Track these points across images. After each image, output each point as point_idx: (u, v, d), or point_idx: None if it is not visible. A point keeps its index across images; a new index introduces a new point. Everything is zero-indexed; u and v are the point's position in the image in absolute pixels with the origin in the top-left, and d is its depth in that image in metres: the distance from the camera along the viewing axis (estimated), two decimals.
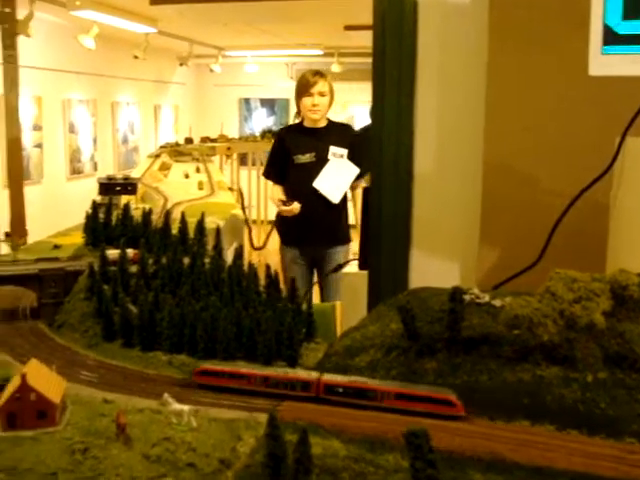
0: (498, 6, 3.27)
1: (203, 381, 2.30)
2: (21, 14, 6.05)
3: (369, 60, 3.78)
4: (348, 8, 8.93)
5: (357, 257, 5.76)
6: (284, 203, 5.50)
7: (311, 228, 5.58)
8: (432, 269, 3.59)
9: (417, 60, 3.55)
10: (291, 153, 5.69)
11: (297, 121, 6.01)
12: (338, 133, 5.80)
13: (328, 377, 2.16)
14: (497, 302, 2.32)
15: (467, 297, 2.31)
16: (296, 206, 5.45)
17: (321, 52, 14.22)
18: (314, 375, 2.16)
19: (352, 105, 16.80)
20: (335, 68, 14.26)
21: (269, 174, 6.00)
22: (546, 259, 3.01)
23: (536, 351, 2.07)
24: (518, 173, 3.37)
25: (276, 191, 5.79)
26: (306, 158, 5.64)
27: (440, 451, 1.61)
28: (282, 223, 5.76)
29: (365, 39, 5.06)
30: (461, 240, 3.63)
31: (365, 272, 3.96)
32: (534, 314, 2.04)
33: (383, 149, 3.68)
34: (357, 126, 15.95)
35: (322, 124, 5.73)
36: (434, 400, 2.02)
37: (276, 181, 5.87)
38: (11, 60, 4.46)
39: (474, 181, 3.48)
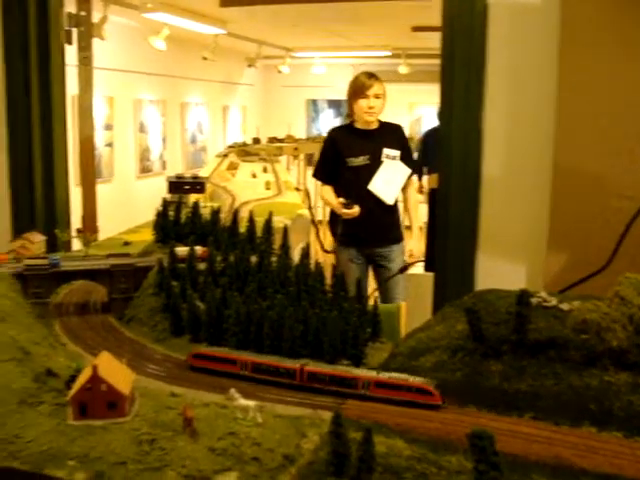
0: (570, 3, 3.23)
1: (197, 364, 2.41)
2: (95, 17, 6.20)
3: (437, 61, 3.77)
4: (416, 9, 8.89)
5: (422, 258, 5.78)
6: (345, 205, 5.50)
7: (367, 228, 5.58)
8: (498, 272, 3.56)
9: (486, 61, 3.53)
10: (344, 155, 5.68)
11: (347, 122, 6.03)
12: (390, 134, 5.77)
13: (312, 366, 2.25)
14: (565, 306, 2.29)
15: (534, 300, 2.29)
16: (357, 209, 5.46)
17: (388, 53, 14.17)
18: (298, 364, 2.26)
19: (419, 106, 16.73)
20: (402, 69, 14.22)
21: (319, 174, 6.00)
22: (616, 263, 2.97)
23: (604, 356, 2.04)
24: (589, 176, 3.33)
25: (327, 191, 5.79)
26: (360, 161, 5.64)
27: (504, 454, 1.60)
28: (338, 224, 5.76)
29: (433, 40, 5.03)
30: (528, 243, 3.59)
31: (430, 274, 3.96)
32: (603, 319, 2.02)
33: (451, 151, 3.67)
34: (425, 128, 15.92)
35: (374, 126, 5.71)
36: (412, 389, 2.09)
37: (326, 181, 5.87)
38: (86, 62, 4.56)
39: (543, 184, 3.44)
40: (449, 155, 3.67)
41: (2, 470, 1.80)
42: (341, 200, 5.61)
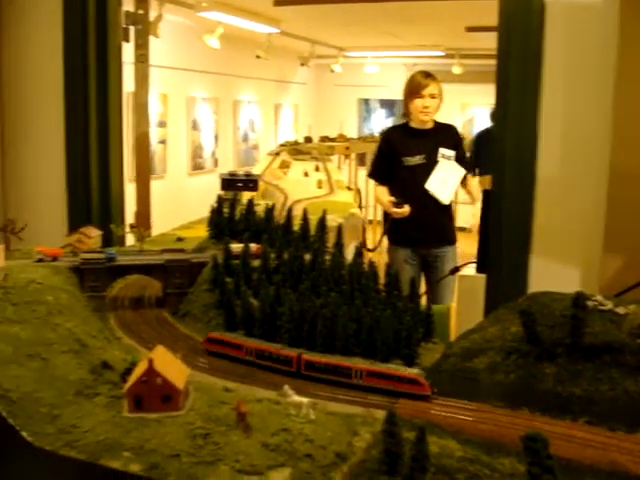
0: (629, 3, 3.18)
1: (211, 348, 2.54)
2: (151, 16, 6.27)
3: (491, 62, 3.74)
4: (470, 9, 8.83)
5: (475, 260, 5.74)
6: (395, 205, 5.49)
7: (422, 228, 5.56)
8: (552, 274, 3.53)
9: (543, 62, 3.49)
10: (399, 155, 5.67)
11: (403, 122, 6.01)
12: (445, 134, 5.74)
13: (308, 355, 2.35)
14: (620, 310, 2.26)
15: (590, 303, 2.27)
16: (407, 208, 5.44)
17: (442, 53, 14.09)
18: (296, 352, 2.38)
19: (472, 107, 16.62)
20: (456, 70, 14.12)
21: (375, 174, 5.99)
22: None
23: None
24: None
25: (381, 191, 5.78)
26: (415, 160, 5.62)
27: (558, 458, 1.58)
28: (393, 224, 5.74)
29: (488, 40, 5.00)
30: (583, 246, 3.55)
31: (483, 275, 3.93)
32: None
33: (505, 153, 3.64)
34: (477, 129, 15.79)
35: (429, 125, 5.69)
36: (402, 379, 2.18)
37: (381, 182, 5.86)
38: (142, 59, 4.62)
39: (599, 185, 3.40)
40: (503, 156, 3.64)
41: (60, 458, 1.84)
42: (391, 199, 5.60)
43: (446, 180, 5.63)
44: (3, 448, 1.96)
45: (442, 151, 5.67)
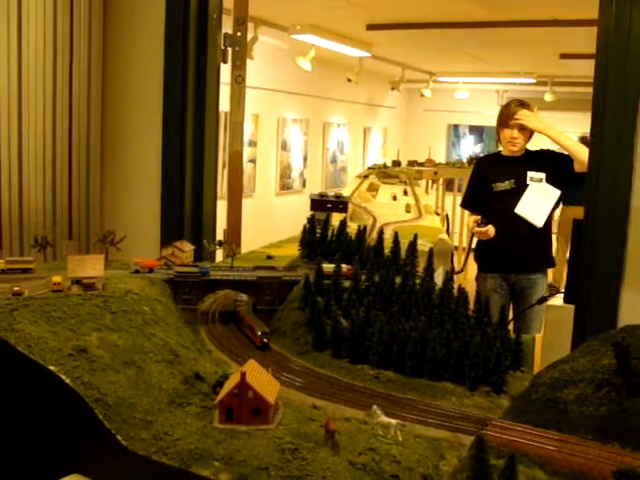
0: None
1: None
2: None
3: (585, 90, 3.70)
4: (565, 36, 8.74)
5: (562, 290, 5.64)
6: (478, 224, 5.44)
7: (514, 255, 5.50)
8: None
9: None
10: (489, 181, 5.63)
11: (496, 150, 5.98)
12: (536, 158, 5.67)
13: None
14: None
15: None
16: (491, 229, 5.38)
17: (533, 80, 13.95)
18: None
19: None
20: (548, 97, 13.93)
21: (467, 204, 5.96)
22: None
23: None
24: None
25: (472, 220, 5.75)
26: (505, 185, 5.56)
27: None
28: (484, 249, 5.70)
29: (583, 68, 4.94)
30: None
31: (571, 306, 3.87)
32: None
33: (599, 182, 3.59)
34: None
35: (520, 153, 5.64)
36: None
37: (473, 211, 5.81)
38: (239, 80, 4.71)
39: None
40: (596, 186, 3.59)
41: (152, 464, 1.89)
42: (475, 218, 5.56)
43: (538, 203, 5.56)
44: (98, 450, 2.02)
45: (530, 174, 5.61)
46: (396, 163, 10.53)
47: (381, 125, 16.86)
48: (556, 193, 5.63)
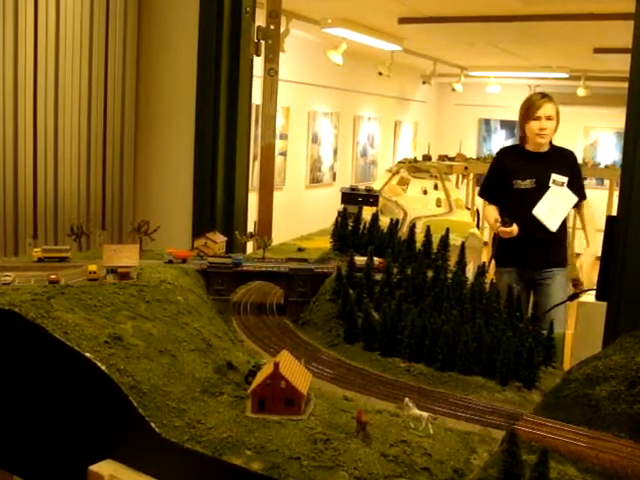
0: None
1: None
2: None
3: (620, 85, 3.66)
4: (599, 30, 8.66)
5: (592, 287, 5.60)
6: (503, 223, 5.40)
7: (529, 252, 5.46)
8: None
9: None
10: (510, 177, 5.57)
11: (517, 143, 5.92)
12: (559, 159, 5.60)
13: None
14: None
15: None
16: (515, 228, 5.35)
17: (566, 75, 13.82)
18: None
19: (595, 131, 16.26)
20: (581, 92, 13.81)
21: (485, 193, 5.90)
22: None
23: None
24: None
25: (490, 211, 5.69)
26: (526, 184, 5.50)
27: None
28: (500, 245, 5.65)
29: (617, 62, 4.90)
30: None
31: (603, 303, 3.84)
32: None
33: (634, 180, 3.56)
34: (600, 153, 15.39)
35: (545, 149, 5.56)
36: None
37: (491, 201, 5.78)
38: (272, 73, 4.72)
39: None
40: (631, 182, 3.56)
41: (185, 451, 1.91)
42: (498, 217, 5.53)
43: (556, 207, 5.52)
44: (132, 437, 2.05)
45: (554, 177, 5.56)
46: (426, 157, 10.51)
47: (412, 119, 16.82)
48: (574, 199, 5.60)
